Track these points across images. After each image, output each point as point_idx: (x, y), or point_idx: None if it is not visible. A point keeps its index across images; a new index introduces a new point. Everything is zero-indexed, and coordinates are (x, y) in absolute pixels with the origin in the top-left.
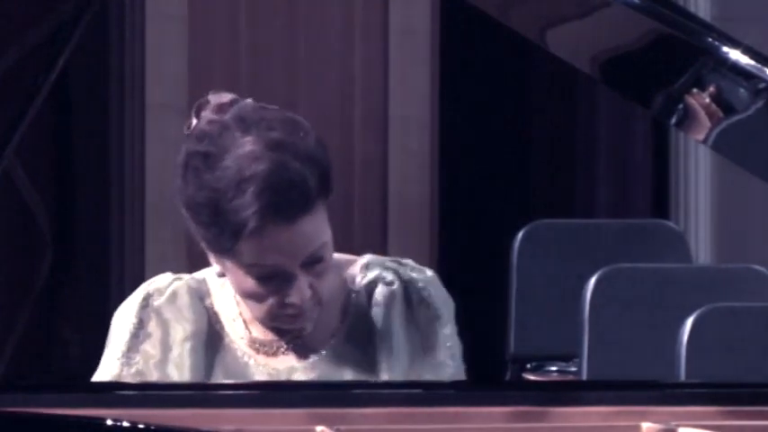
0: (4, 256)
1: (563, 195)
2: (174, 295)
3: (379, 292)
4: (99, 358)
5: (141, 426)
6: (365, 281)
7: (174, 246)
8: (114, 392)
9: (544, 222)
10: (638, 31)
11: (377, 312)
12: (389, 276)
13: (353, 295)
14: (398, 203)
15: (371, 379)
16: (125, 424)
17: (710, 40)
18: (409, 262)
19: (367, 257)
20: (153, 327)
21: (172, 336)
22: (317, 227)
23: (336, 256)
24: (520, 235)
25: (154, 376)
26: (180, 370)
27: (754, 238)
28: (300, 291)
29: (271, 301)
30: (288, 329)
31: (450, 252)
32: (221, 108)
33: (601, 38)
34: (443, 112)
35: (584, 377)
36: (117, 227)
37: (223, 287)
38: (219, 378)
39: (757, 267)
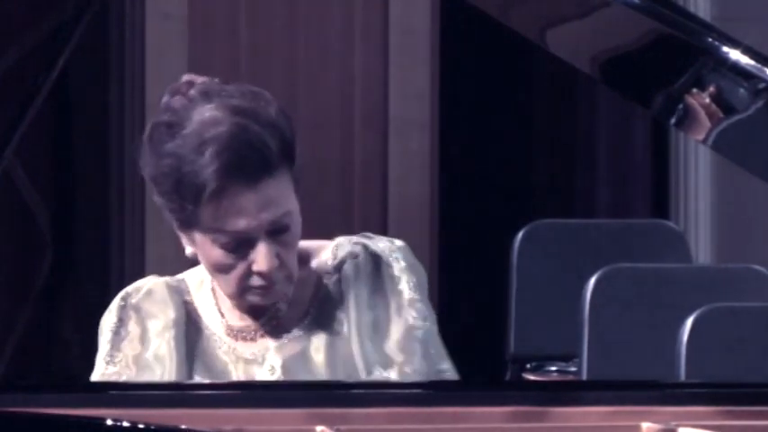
0: (4, 256)
1: (563, 195)
2: (150, 291)
3: (347, 267)
4: None
5: (141, 426)
6: (335, 261)
7: (174, 246)
8: (114, 392)
9: (544, 222)
10: (638, 31)
11: (345, 287)
12: (356, 249)
13: (325, 277)
14: (398, 203)
15: (344, 364)
16: (125, 424)
17: (710, 40)
18: (379, 236)
19: (338, 240)
20: (132, 325)
21: (151, 329)
22: (281, 193)
23: (308, 243)
24: (520, 235)
25: (134, 371)
26: (160, 361)
27: (754, 238)
28: (267, 258)
29: (238, 271)
30: (261, 307)
31: (450, 252)
32: (189, 85)
33: (601, 38)
34: (443, 112)
35: (584, 377)
36: (117, 227)
37: (201, 284)
38: (199, 368)
39: (757, 267)
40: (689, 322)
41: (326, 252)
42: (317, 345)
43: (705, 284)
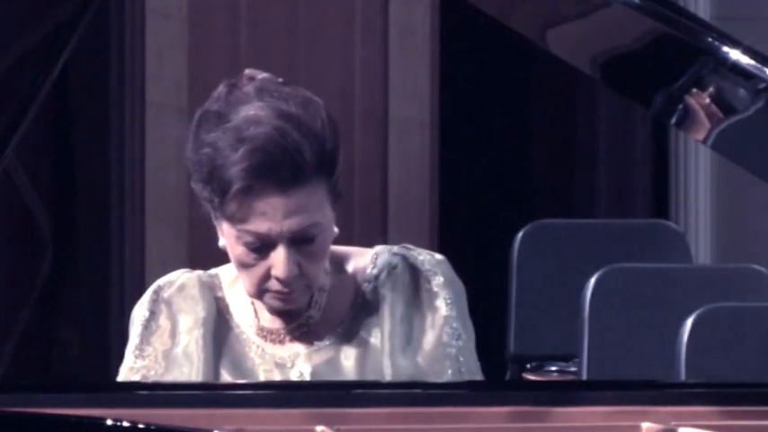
0: (4, 257)
1: (563, 195)
2: (183, 286)
3: (385, 278)
4: (99, 358)
5: (141, 426)
6: (375, 271)
7: (174, 246)
8: (114, 392)
9: (544, 222)
10: (638, 31)
11: (381, 298)
12: (394, 260)
13: (363, 286)
14: (398, 203)
15: (374, 375)
16: (125, 424)
17: (710, 40)
18: (419, 248)
19: (377, 248)
20: (163, 318)
21: (180, 325)
22: (311, 204)
23: (347, 249)
24: (520, 235)
25: (163, 366)
26: (188, 358)
27: (754, 238)
28: (285, 265)
29: (258, 271)
30: (290, 311)
31: (450, 252)
32: (249, 80)
33: (601, 38)
34: (443, 112)
35: (584, 377)
36: (117, 227)
37: (236, 281)
38: (227, 366)
39: (757, 267)
40: (689, 322)
41: (365, 259)
42: (348, 354)
43: (705, 284)
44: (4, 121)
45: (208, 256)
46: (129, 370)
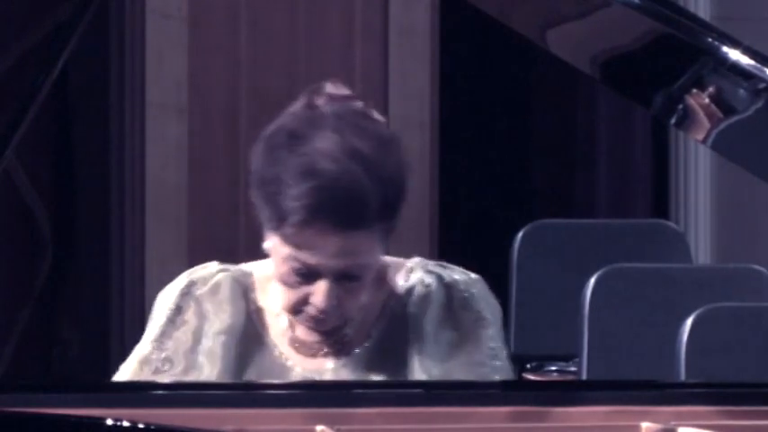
0: (4, 256)
1: (563, 195)
2: (216, 287)
3: (417, 294)
4: (99, 358)
5: (141, 426)
6: (407, 284)
7: (174, 246)
8: (114, 392)
9: (544, 222)
10: (638, 31)
11: (412, 314)
12: (428, 279)
13: (393, 298)
14: None
15: (399, 379)
16: (125, 424)
17: (710, 40)
18: (455, 267)
19: (413, 261)
20: (190, 315)
21: (207, 327)
22: (364, 246)
23: (385, 259)
24: (520, 235)
25: (182, 365)
26: (211, 362)
27: (754, 238)
28: (325, 298)
29: (297, 293)
30: (326, 333)
31: (450, 252)
32: (330, 98)
33: (601, 38)
34: (443, 112)
35: (584, 377)
36: (117, 227)
37: (270, 282)
38: (252, 376)
39: (757, 267)
40: (689, 322)
41: (399, 272)
42: (376, 370)
43: (705, 284)
44: (4, 121)
45: (208, 256)
46: (143, 360)
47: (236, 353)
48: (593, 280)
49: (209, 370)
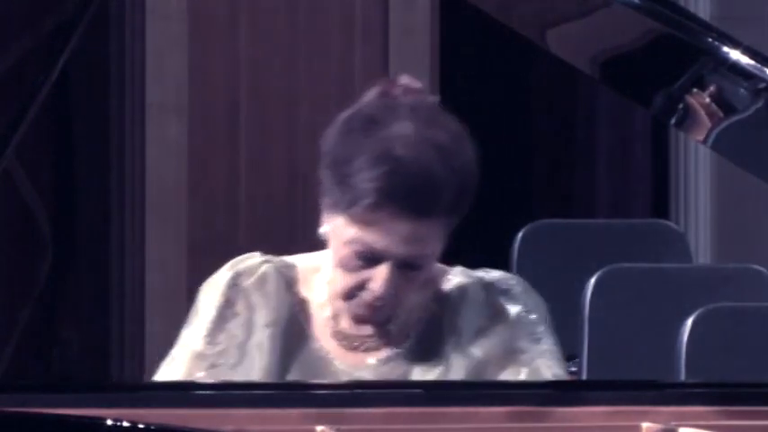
0: (4, 256)
1: (563, 195)
2: (263, 278)
3: (456, 295)
4: (99, 358)
5: (141, 426)
6: (448, 289)
7: (174, 246)
8: (114, 392)
9: (544, 222)
10: (638, 31)
11: (451, 313)
12: (468, 280)
13: (435, 301)
14: None
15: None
16: (125, 424)
17: (710, 40)
18: (496, 271)
19: (455, 270)
20: (240, 307)
21: (256, 318)
22: (431, 236)
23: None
24: (520, 235)
25: (235, 357)
26: (261, 354)
27: (754, 238)
28: (385, 284)
29: (356, 277)
30: (374, 322)
31: (450, 252)
32: (405, 90)
33: (601, 38)
34: None
35: (584, 377)
36: (117, 227)
37: (314, 275)
38: (295, 369)
39: (757, 267)
40: (689, 322)
41: (441, 276)
42: (416, 369)
43: (705, 284)
44: (4, 121)
45: (208, 256)
46: (197, 356)
47: (281, 346)
48: (593, 280)
49: (258, 363)
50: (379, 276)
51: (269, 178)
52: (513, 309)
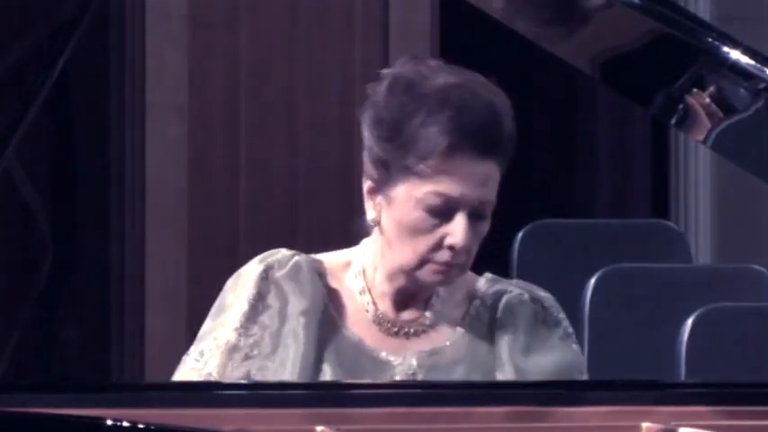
0: (4, 256)
1: (563, 195)
2: (296, 268)
3: (508, 300)
4: (99, 358)
5: (141, 426)
6: (491, 291)
7: (174, 246)
8: (114, 392)
9: (544, 222)
10: (638, 31)
11: (504, 317)
12: (518, 291)
13: (477, 301)
14: None
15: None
16: (125, 424)
17: (710, 40)
18: (530, 284)
19: (489, 275)
20: (272, 299)
21: (290, 308)
22: (495, 179)
23: None
24: (520, 235)
25: (269, 347)
26: (296, 342)
27: (754, 238)
28: (465, 233)
29: (431, 238)
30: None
31: None
32: (431, 63)
33: (601, 38)
34: None
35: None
36: (117, 227)
37: (346, 267)
38: (330, 358)
39: (757, 267)
40: (689, 322)
41: (476, 279)
42: (461, 366)
43: (705, 284)
44: (4, 121)
45: (208, 256)
46: (231, 348)
47: (315, 335)
48: (593, 280)
49: (294, 351)
50: (458, 228)
51: (269, 178)
52: (561, 333)
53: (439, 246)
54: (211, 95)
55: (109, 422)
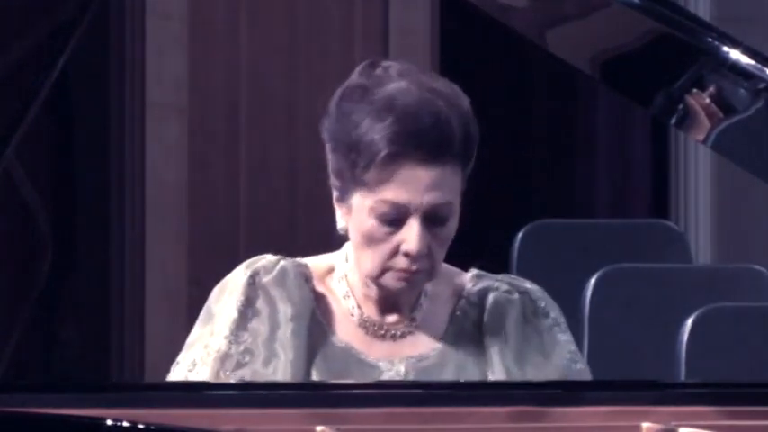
0: (4, 256)
1: (563, 195)
2: (283, 274)
3: (495, 298)
4: (99, 358)
5: (141, 426)
6: (476, 288)
7: (174, 246)
8: (114, 392)
9: (544, 222)
10: (638, 31)
11: (491, 317)
12: (505, 286)
13: (463, 300)
14: None
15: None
16: (125, 424)
17: (710, 40)
18: (516, 277)
19: (475, 270)
20: (261, 303)
21: (279, 313)
22: (450, 183)
23: (446, 266)
24: (520, 235)
25: (262, 354)
26: (285, 350)
27: (754, 238)
28: (418, 239)
29: (386, 246)
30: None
31: (450, 252)
32: (387, 66)
33: (601, 38)
34: None
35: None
36: (117, 227)
37: (330, 272)
38: (319, 365)
39: (757, 267)
40: (689, 322)
41: (462, 278)
42: (449, 371)
43: (705, 284)
44: (4, 121)
45: (208, 256)
46: (222, 356)
47: (305, 341)
48: (593, 280)
49: (284, 359)
50: (410, 235)
51: (269, 178)
52: (550, 324)
53: (395, 253)
54: (211, 95)
55: (109, 422)
